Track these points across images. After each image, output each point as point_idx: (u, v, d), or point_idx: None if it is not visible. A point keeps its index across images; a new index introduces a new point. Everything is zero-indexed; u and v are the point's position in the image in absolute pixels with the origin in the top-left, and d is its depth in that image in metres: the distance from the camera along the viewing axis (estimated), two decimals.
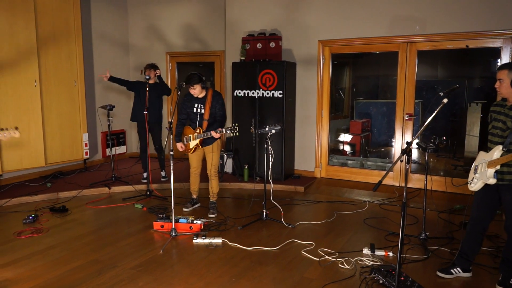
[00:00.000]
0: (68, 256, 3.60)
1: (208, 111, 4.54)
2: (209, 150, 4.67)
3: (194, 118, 4.62)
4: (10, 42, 5.50)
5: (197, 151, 4.71)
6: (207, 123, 4.56)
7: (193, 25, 7.39)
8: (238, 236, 4.06)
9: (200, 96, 4.55)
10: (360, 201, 5.26)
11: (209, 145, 4.64)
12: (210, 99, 4.53)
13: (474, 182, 3.10)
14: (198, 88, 4.44)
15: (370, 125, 7.68)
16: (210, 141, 4.62)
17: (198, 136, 4.53)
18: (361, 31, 5.78)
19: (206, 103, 4.53)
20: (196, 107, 4.59)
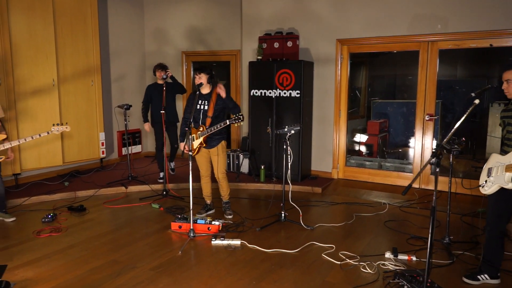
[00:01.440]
0: (87, 256, 3.59)
1: (213, 108, 4.36)
2: (214, 153, 4.48)
3: (197, 116, 4.41)
4: (29, 42, 5.54)
5: (204, 153, 4.51)
6: (211, 120, 4.37)
7: (209, 24, 7.37)
8: (257, 238, 4.01)
9: (204, 92, 4.41)
10: (379, 203, 5.17)
11: (214, 148, 4.46)
12: (215, 96, 4.38)
13: (488, 186, 3.00)
14: (204, 79, 4.29)
15: (387, 126, 7.56)
16: (214, 143, 4.44)
17: (202, 134, 4.34)
18: (381, 30, 5.68)
19: (210, 100, 4.37)
20: (200, 103, 4.41)
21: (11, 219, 4.44)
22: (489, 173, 3.02)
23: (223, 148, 4.51)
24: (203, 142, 4.39)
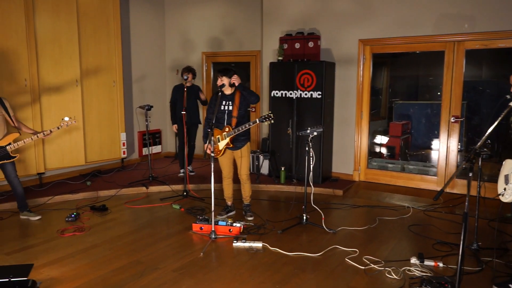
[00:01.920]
0: (110, 256, 3.61)
1: (237, 109, 4.33)
2: (238, 155, 4.46)
3: (221, 117, 4.38)
4: (53, 43, 5.63)
5: (228, 155, 4.48)
6: (236, 121, 4.34)
7: (229, 25, 7.36)
8: (279, 241, 3.97)
9: (227, 92, 4.38)
10: (402, 207, 5.06)
11: (239, 149, 4.42)
12: (239, 96, 4.35)
13: (508, 194, 2.89)
14: (226, 81, 4.28)
15: (410, 127, 7.41)
16: (240, 144, 4.41)
17: (228, 135, 4.31)
18: (405, 30, 5.56)
19: (234, 100, 4.34)
20: (224, 104, 4.37)
21: (37, 218, 4.51)
22: (507, 180, 2.91)
23: (248, 149, 4.49)
24: (230, 143, 4.35)
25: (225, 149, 4.42)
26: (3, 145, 4.23)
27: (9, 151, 4.25)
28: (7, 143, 4.23)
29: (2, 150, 4.22)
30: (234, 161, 4.58)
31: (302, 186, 5.35)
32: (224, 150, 4.41)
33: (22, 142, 4.28)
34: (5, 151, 4.22)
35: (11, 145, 4.24)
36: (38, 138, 4.35)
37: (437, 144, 5.71)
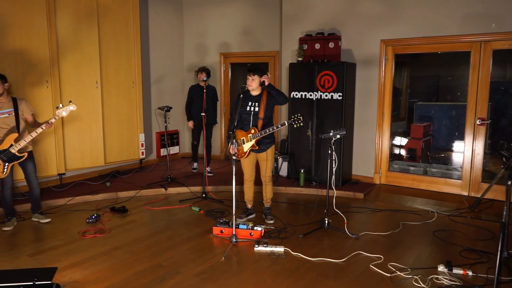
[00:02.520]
0: (131, 259, 3.59)
1: (263, 110, 4.25)
2: (263, 158, 4.40)
3: (247, 118, 4.31)
4: (74, 45, 5.66)
5: (251, 157, 4.42)
6: (262, 123, 4.27)
7: (247, 25, 7.31)
8: (300, 245, 3.90)
9: (254, 93, 4.31)
10: (426, 211, 4.93)
11: (263, 152, 4.37)
12: (266, 97, 4.28)
13: None
14: (256, 81, 4.22)
15: (431, 129, 7.25)
16: (265, 147, 4.36)
17: (254, 137, 4.24)
18: (429, 30, 5.43)
19: (261, 101, 4.26)
20: (249, 105, 4.30)
21: (46, 221, 4.50)
22: None
23: (272, 152, 4.45)
24: (255, 145, 4.28)
25: (250, 151, 4.35)
26: (5, 148, 4.20)
27: (15, 152, 4.23)
28: (9, 145, 4.21)
29: (7, 152, 4.20)
30: (256, 164, 4.53)
31: (322, 189, 5.28)
32: (248, 152, 4.35)
33: (24, 141, 4.24)
34: (10, 153, 4.21)
35: (13, 146, 4.22)
36: (38, 133, 4.26)
37: (461, 147, 5.56)
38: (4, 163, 4.22)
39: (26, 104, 4.41)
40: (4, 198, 4.39)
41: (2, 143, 4.22)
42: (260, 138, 4.26)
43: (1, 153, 4.19)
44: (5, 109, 4.25)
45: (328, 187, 4.28)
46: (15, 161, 4.27)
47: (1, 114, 4.24)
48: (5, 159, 4.21)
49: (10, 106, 4.27)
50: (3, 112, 4.25)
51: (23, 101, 4.39)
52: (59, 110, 4.31)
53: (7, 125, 4.26)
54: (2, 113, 4.25)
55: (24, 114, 4.36)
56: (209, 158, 6.59)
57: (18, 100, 4.34)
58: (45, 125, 4.23)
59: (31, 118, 4.40)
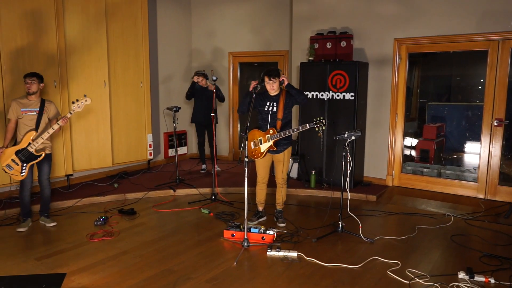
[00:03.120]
0: (141, 264, 3.50)
1: (282, 110, 4.16)
2: (279, 159, 4.31)
3: (265, 118, 4.21)
4: (82, 44, 5.58)
5: (267, 158, 4.32)
6: (281, 123, 4.18)
7: (256, 24, 7.20)
8: (314, 250, 3.79)
9: (273, 94, 4.21)
10: (441, 215, 4.80)
11: (280, 153, 4.27)
12: (284, 97, 4.18)
13: None
14: (277, 84, 4.13)
15: (444, 130, 7.10)
16: (283, 147, 4.27)
17: (272, 138, 4.13)
18: (444, 28, 5.29)
19: (280, 101, 4.17)
20: (268, 105, 4.20)
21: (52, 224, 4.41)
22: None
23: (289, 154, 4.34)
24: (273, 146, 4.19)
25: (266, 152, 4.26)
26: (24, 146, 4.16)
27: (32, 151, 4.17)
28: (27, 143, 4.16)
29: (25, 151, 4.16)
30: (271, 165, 4.45)
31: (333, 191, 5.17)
32: (265, 153, 4.25)
33: (41, 138, 4.18)
34: (28, 152, 4.16)
35: (31, 145, 4.17)
36: (54, 130, 4.20)
37: (476, 148, 5.42)
38: (22, 163, 4.16)
39: (55, 107, 4.40)
40: (23, 199, 4.34)
41: (21, 142, 4.17)
42: (279, 139, 4.17)
43: (20, 152, 4.15)
44: (33, 108, 4.22)
45: (342, 189, 4.17)
46: (33, 161, 4.22)
47: (29, 112, 4.21)
48: (24, 159, 4.16)
49: (37, 106, 4.24)
50: (31, 110, 4.21)
51: (52, 104, 4.38)
52: (75, 104, 4.28)
53: (33, 124, 4.21)
54: (31, 111, 4.21)
55: (49, 116, 4.32)
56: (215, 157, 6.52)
57: (46, 102, 4.32)
58: (61, 121, 4.19)
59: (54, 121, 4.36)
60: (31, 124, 4.21)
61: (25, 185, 4.30)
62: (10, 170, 4.17)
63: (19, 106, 4.17)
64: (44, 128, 4.30)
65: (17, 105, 4.17)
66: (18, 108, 4.17)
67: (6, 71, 4.84)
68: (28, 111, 4.19)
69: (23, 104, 4.19)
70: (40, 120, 4.25)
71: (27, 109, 4.19)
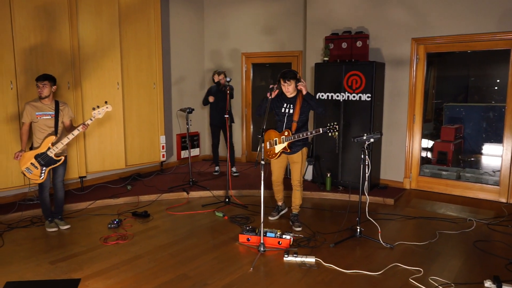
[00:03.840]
0: (156, 269, 3.43)
1: (298, 112, 4.14)
2: (294, 159, 4.27)
3: (281, 120, 4.24)
4: (96, 46, 5.55)
5: (282, 158, 4.33)
6: (297, 126, 4.17)
7: (269, 24, 7.12)
8: (332, 255, 3.69)
9: (290, 96, 4.20)
10: (462, 219, 4.65)
11: (295, 153, 4.25)
12: (301, 99, 4.15)
13: None
14: (293, 86, 4.10)
15: (462, 132, 6.93)
16: (297, 148, 4.24)
17: (286, 139, 4.14)
18: (464, 27, 5.14)
19: (296, 103, 4.15)
20: (284, 107, 4.20)
21: (66, 227, 4.38)
22: None
23: (304, 155, 4.30)
24: (288, 148, 4.18)
25: (281, 152, 4.26)
26: (43, 151, 4.13)
27: (52, 155, 4.15)
28: (46, 148, 4.13)
29: (45, 156, 4.13)
30: (286, 166, 4.44)
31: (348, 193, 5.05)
32: (279, 154, 4.26)
33: (61, 144, 4.16)
34: (48, 156, 4.14)
35: (50, 149, 4.14)
36: (74, 135, 4.18)
37: (495, 150, 5.26)
38: (42, 167, 4.13)
39: (69, 109, 4.36)
40: (44, 200, 4.33)
41: (40, 146, 4.14)
42: (293, 141, 4.15)
43: (39, 156, 4.12)
44: (48, 111, 4.19)
45: (361, 192, 4.06)
46: (52, 165, 4.20)
47: (44, 116, 4.17)
48: (43, 163, 4.14)
49: (52, 109, 4.21)
50: (46, 114, 4.18)
51: (66, 106, 4.34)
52: (95, 111, 4.24)
53: (48, 127, 4.19)
54: (45, 115, 4.18)
55: (63, 118, 4.29)
56: (233, 159, 6.49)
57: (60, 104, 4.29)
58: (81, 127, 4.17)
59: (68, 123, 4.35)
60: (46, 128, 4.18)
61: (44, 187, 4.29)
62: (29, 173, 4.15)
63: (34, 110, 4.14)
64: (61, 131, 4.28)
65: (31, 108, 4.14)
66: (33, 111, 4.14)
67: (20, 72, 4.83)
68: (42, 114, 4.16)
69: (37, 107, 4.15)
70: (57, 123, 4.23)
71: (41, 113, 4.16)
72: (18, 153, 4.15)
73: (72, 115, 4.41)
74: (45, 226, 4.35)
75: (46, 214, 4.38)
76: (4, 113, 4.77)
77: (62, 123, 4.30)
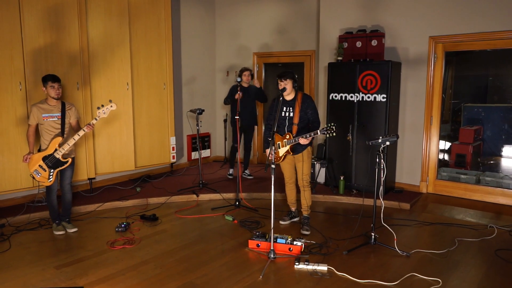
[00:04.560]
0: (162, 275, 3.33)
1: (298, 115, 4.11)
2: (299, 159, 4.24)
3: (282, 123, 4.20)
4: (105, 46, 5.49)
5: (288, 159, 4.29)
6: (297, 128, 4.13)
7: (281, 23, 6.97)
8: (345, 264, 3.53)
9: (288, 98, 4.16)
10: (483, 226, 4.44)
11: (299, 153, 4.21)
12: (300, 101, 4.12)
13: None
14: (289, 85, 4.06)
15: (482, 133, 6.67)
16: (300, 148, 4.18)
17: (288, 142, 4.12)
18: (486, 24, 4.92)
19: (295, 106, 4.12)
20: (284, 111, 4.18)
21: (73, 230, 4.31)
22: None
23: (308, 154, 4.23)
24: (290, 151, 4.15)
25: (285, 155, 4.24)
26: (50, 153, 4.07)
27: (59, 157, 4.09)
28: (53, 149, 4.08)
29: (52, 158, 4.07)
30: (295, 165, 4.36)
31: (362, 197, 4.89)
32: (284, 157, 4.24)
33: (67, 145, 4.09)
34: (55, 158, 4.08)
35: (57, 151, 4.08)
36: (80, 136, 4.11)
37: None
38: (50, 169, 4.08)
39: (75, 109, 4.31)
40: (51, 203, 4.28)
41: (47, 148, 4.09)
42: (294, 144, 4.11)
43: (47, 158, 4.07)
44: (54, 113, 4.13)
45: (375, 197, 3.89)
46: (60, 167, 4.14)
47: (51, 118, 4.12)
48: (50, 165, 4.09)
49: (59, 110, 4.15)
50: (52, 116, 4.13)
51: (72, 107, 4.29)
52: (100, 110, 4.17)
53: (55, 129, 4.14)
54: (52, 117, 4.13)
55: (70, 119, 4.24)
56: (248, 161, 6.36)
57: (67, 105, 4.24)
58: (87, 128, 4.11)
59: (74, 123, 4.29)
60: (53, 129, 4.12)
61: (52, 190, 4.23)
62: (37, 176, 4.10)
63: (40, 111, 4.08)
64: (68, 132, 4.22)
65: (38, 110, 4.08)
66: (39, 113, 4.08)
67: (29, 73, 4.79)
68: (49, 116, 4.10)
69: (44, 109, 4.09)
70: (64, 124, 4.17)
71: (48, 114, 4.10)
72: (27, 155, 4.10)
73: (79, 116, 4.35)
74: (53, 229, 4.29)
75: (53, 217, 4.33)
76: (13, 115, 4.74)
77: (69, 124, 4.24)
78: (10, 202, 4.97)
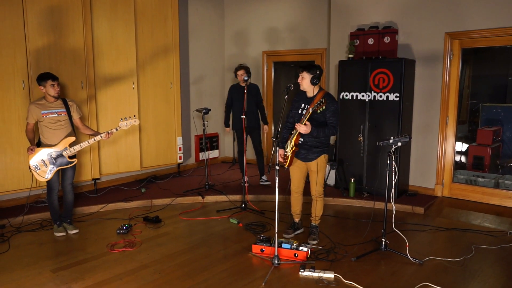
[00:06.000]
0: (160, 281, 3.19)
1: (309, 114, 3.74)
2: (312, 168, 3.86)
3: (298, 121, 3.83)
4: (111, 44, 5.40)
5: (300, 166, 3.92)
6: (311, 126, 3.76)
7: (291, 21, 6.79)
8: (353, 271, 3.34)
9: (309, 95, 3.84)
10: (502, 232, 4.19)
11: (313, 161, 3.82)
12: (318, 100, 3.75)
13: None
14: (306, 80, 3.73)
15: (501, 134, 6.38)
16: (313, 156, 3.81)
17: (292, 137, 3.79)
18: (504, 19, 4.66)
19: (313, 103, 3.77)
20: (302, 108, 3.84)
21: (74, 231, 4.22)
22: None
23: (322, 163, 3.85)
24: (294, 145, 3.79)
25: (293, 157, 3.84)
26: (59, 150, 4.01)
27: (66, 156, 4.02)
28: (63, 148, 4.01)
29: (59, 155, 4.00)
30: (306, 174, 4.01)
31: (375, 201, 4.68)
32: (291, 157, 3.83)
33: (79, 146, 4.03)
34: (62, 156, 4.01)
35: (67, 150, 4.00)
36: (95, 141, 4.08)
37: None
38: (52, 166, 4.01)
39: (76, 106, 4.24)
40: (52, 203, 4.20)
41: (57, 145, 4.03)
42: (298, 138, 3.77)
43: (53, 154, 4.01)
44: (54, 109, 4.06)
45: (386, 201, 3.69)
46: (64, 166, 4.08)
47: (50, 114, 4.05)
48: (55, 162, 4.01)
49: (58, 107, 4.08)
50: (52, 112, 4.05)
51: (73, 102, 4.23)
52: (123, 122, 4.15)
53: (55, 125, 4.05)
54: (51, 113, 4.05)
55: (73, 114, 4.18)
56: (263, 166, 5.87)
57: (68, 101, 4.18)
58: (105, 135, 4.08)
59: (77, 121, 4.22)
60: (53, 126, 4.04)
61: (53, 189, 4.15)
62: (36, 170, 4.01)
63: (39, 109, 4.00)
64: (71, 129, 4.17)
65: (36, 108, 4.00)
66: (38, 111, 4.00)
67: (33, 72, 4.72)
68: (48, 113, 4.02)
69: (43, 106, 4.02)
70: (71, 120, 4.13)
71: (47, 111, 4.02)
72: (32, 146, 4.00)
73: (81, 113, 4.28)
74: (54, 230, 4.21)
75: (54, 218, 4.25)
76: (16, 114, 4.67)
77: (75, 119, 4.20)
78: (13, 202, 4.91)
